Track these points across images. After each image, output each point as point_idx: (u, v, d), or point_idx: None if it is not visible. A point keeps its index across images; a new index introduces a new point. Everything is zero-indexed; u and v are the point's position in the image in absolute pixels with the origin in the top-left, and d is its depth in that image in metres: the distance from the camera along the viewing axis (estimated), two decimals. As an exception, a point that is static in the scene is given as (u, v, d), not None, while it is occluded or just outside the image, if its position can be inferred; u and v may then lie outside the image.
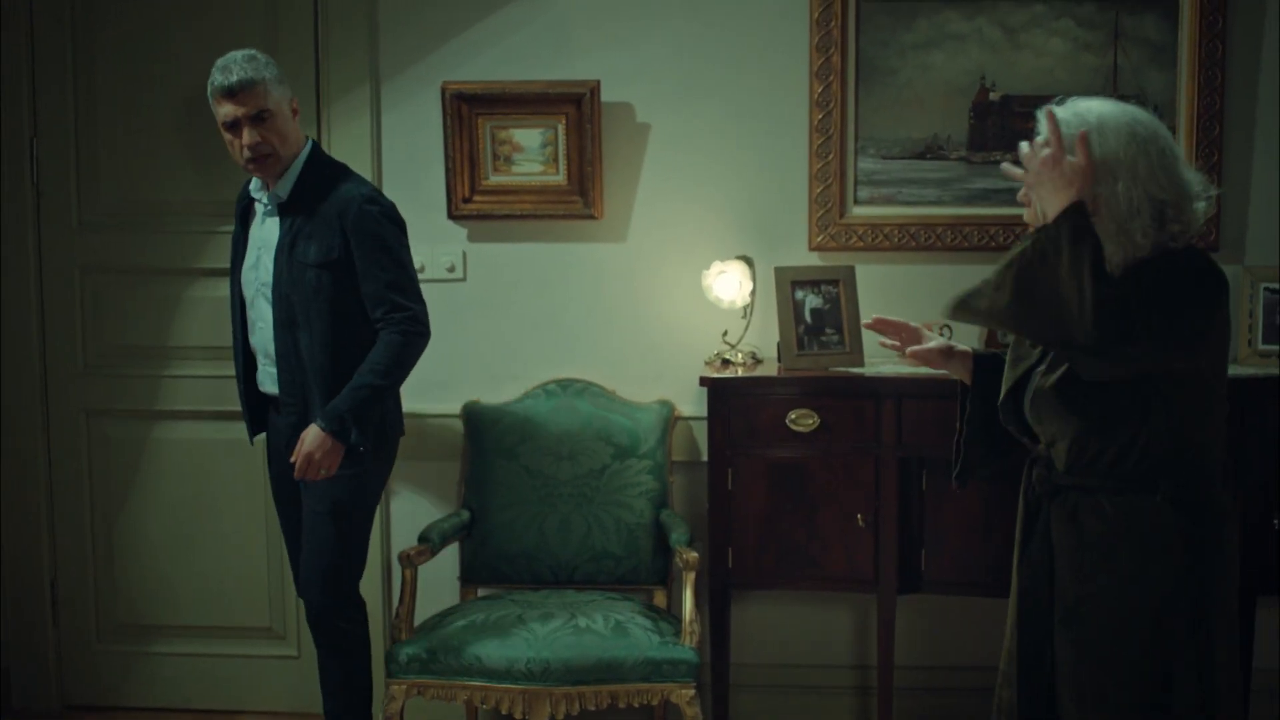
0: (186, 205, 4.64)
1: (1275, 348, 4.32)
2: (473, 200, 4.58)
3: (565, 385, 4.54)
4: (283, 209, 3.86)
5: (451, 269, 4.61)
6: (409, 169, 4.59)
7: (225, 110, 3.78)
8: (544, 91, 4.49)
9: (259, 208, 3.95)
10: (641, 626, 4.00)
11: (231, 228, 4.10)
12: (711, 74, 4.54)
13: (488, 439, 4.47)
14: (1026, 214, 2.89)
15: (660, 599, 4.40)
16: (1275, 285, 4.35)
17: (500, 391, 4.60)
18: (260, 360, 3.98)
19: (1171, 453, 2.78)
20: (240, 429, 4.15)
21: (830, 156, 4.50)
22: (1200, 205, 2.80)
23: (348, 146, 4.51)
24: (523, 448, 4.46)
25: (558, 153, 4.53)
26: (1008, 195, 4.50)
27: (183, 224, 4.66)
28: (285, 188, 3.87)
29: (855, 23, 4.48)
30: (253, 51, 3.83)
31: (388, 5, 4.57)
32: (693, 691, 3.93)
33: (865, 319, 4.37)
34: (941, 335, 2.72)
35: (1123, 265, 2.77)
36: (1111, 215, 2.75)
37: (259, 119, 3.77)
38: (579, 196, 4.54)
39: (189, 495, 4.74)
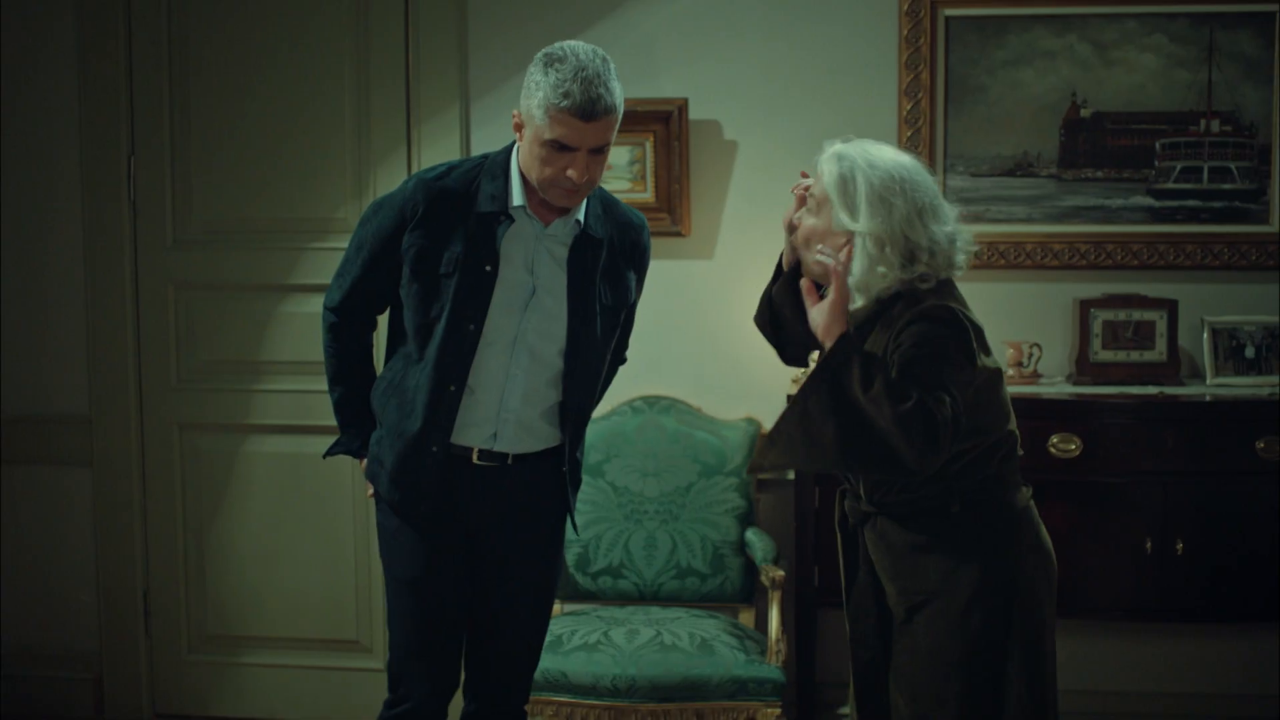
0: (278, 222, 4.70)
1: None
2: (560, 217, 4.60)
3: (651, 402, 4.55)
4: (577, 238, 3.15)
5: (539, 286, 4.63)
6: (497, 186, 4.62)
7: (568, 132, 2.94)
8: (631, 109, 4.48)
9: (526, 228, 3.12)
10: (727, 644, 3.99)
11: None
12: (799, 91, 4.54)
13: (574, 455, 4.49)
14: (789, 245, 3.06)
15: (746, 617, 4.39)
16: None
17: (586, 408, 4.61)
18: (478, 414, 3.15)
19: (957, 473, 2.88)
20: (326, 442, 3.69)
21: (919, 174, 4.48)
22: (960, 258, 2.92)
23: (437, 165, 4.54)
24: (609, 465, 4.47)
25: (645, 170, 4.55)
26: (1098, 213, 4.48)
27: (274, 241, 4.72)
28: (581, 210, 3.14)
29: (945, 40, 4.47)
30: (606, 56, 3.00)
31: (478, 24, 4.61)
32: (779, 710, 3.92)
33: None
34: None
35: (869, 296, 2.90)
36: (863, 248, 2.86)
37: (599, 151, 3.00)
38: (666, 213, 4.55)
39: (278, 508, 4.79)
